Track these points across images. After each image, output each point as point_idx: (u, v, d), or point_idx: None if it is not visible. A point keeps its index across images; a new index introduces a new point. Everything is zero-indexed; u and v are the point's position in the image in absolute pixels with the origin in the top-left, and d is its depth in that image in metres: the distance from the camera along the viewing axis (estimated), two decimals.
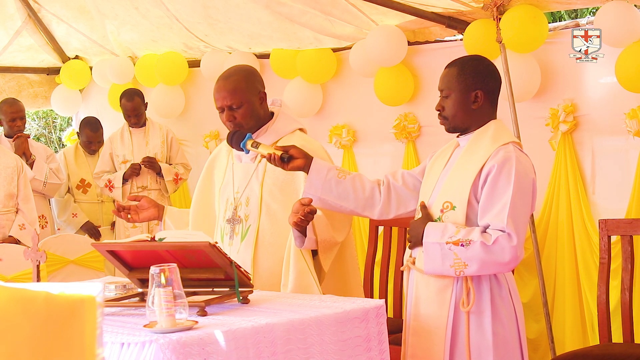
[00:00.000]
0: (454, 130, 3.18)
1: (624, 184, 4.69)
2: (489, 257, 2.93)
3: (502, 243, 2.92)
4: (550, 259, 4.93)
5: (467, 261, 2.95)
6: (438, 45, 5.58)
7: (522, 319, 3.12)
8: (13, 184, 5.57)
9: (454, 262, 2.96)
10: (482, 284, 3.04)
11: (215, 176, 3.75)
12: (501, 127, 3.14)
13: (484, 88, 3.12)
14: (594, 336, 4.69)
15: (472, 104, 3.11)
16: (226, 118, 3.49)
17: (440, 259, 2.99)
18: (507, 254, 2.93)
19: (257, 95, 3.52)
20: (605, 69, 4.75)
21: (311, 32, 5.68)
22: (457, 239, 2.96)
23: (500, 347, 3.03)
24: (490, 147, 3.05)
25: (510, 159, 2.99)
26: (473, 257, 2.94)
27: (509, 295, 3.08)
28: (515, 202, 2.95)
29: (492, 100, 3.16)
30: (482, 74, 3.13)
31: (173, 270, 2.57)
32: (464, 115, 3.12)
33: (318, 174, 3.26)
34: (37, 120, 12.25)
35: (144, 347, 2.42)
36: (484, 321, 3.03)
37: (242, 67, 3.63)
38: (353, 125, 6.00)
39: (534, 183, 3.06)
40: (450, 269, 2.98)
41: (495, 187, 2.98)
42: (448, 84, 3.14)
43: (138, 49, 6.92)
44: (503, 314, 3.05)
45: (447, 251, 2.97)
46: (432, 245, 3.01)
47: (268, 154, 3.27)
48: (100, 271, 5.81)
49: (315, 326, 2.70)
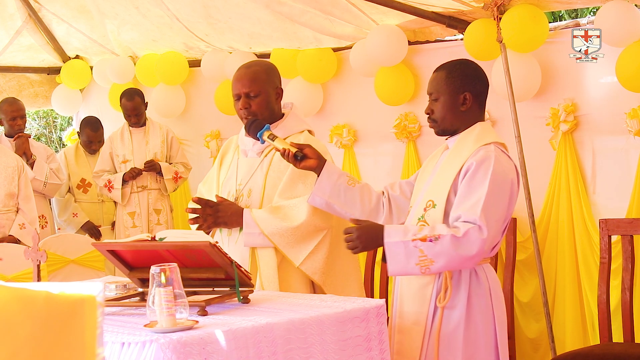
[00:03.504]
0: (443, 132, 3.20)
1: (625, 184, 4.69)
2: (457, 251, 2.92)
3: (473, 235, 2.92)
4: (551, 259, 4.93)
5: (433, 257, 2.93)
6: (438, 45, 5.57)
7: (501, 319, 3.09)
8: (13, 183, 5.57)
9: (419, 259, 2.94)
10: (461, 281, 3.05)
11: (222, 169, 3.77)
12: (486, 129, 3.16)
13: (472, 90, 3.14)
14: (595, 336, 4.69)
15: (461, 106, 3.13)
16: (242, 105, 3.54)
17: (404, 258, 2.96)
18: (475, 247, 2.91)
19: (274, 89, 3.59)
20: (605, 69, 4.75)
21: (311, 32, 5.68)
22: (424, 235, 2.95)
23: (470, 345, 3.03)
24: (472, 147, 3.08)
25: (490, 157, 3.01)
26: (441, 252, 2.92)
27: (489, 294, 3.07)
28: (490, 198, 2.94)
29: (480, 103, 3.18)
30: (470, 77, 3.15)
31: (173, 270, 2.57)
32: (453, 117, 3.15)
33: (329, 178, 3.31)
34: (37, 120, 12.25)
35: (144, 347, 2.42)
36: (456, 318, 3.04)
37: (264, 61, 3.77)
38: (353, 125, 6.00)
39: (513, 184, 3.05)
40: (415, 267, 2.96)
41: (472, 182, 3.00)
42: (437, 87, 3.17)
43: (138, 49, 6.92)
44: (478, 312, 3.04)
45: (412, 249, 2.95)
46: (395, 244, 2.98)
47: (283, 149, 3.33)
48: (100, 271, 5.82)
49: (315, 326, 2.70)
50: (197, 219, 3.50)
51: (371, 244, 3.07)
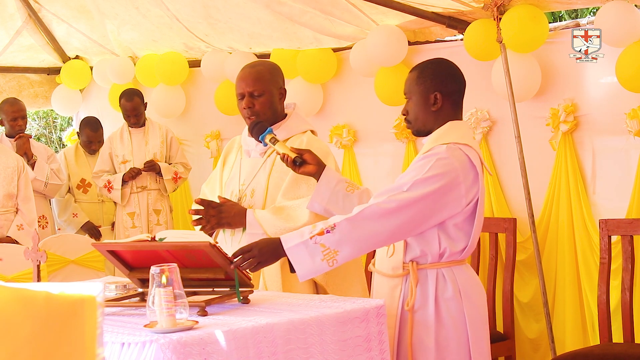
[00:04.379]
0: (418, 133, 3.18)
1: (625, 184, 4.69)
2: (356, 230, 2.87)
3: (368, 213, 2.88)
4: (551, 259, 4.93)
5: (336, 247, 2.88)
6: (438, 45, 5.57)
7: (475, 322, 3.02)
8: (13, 184, 5.57)
9: (323, 254, 2.89)
10: (428, 285, 3.01)
11: (225, 170, 3.78)
12: (453, 128, 3.08)
13: (442, 90, 3.09)
14: (595, 336, 4.69)
15: (432, 106, 3.10)
16: (245, 104, 3.55)
17: (309, 258, 2.90)
18: (373, 227, 2.87)
19: (278, 90, 3.62)
20: (605, 69, 4.75)
21: (311, 32, 5.68)
22: (320, 229, 2.91)
23: (441, 349, 2.99)
24: (429, 147, 3.05)
25: (437, 154, 2.97)
26: (341, 238, 2.88)
27: (459, 297, 3.01)
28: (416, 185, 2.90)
29: (454, 102, 3.12)
30: (440, 76, 3.11)
31: (173, 270, 2.57)
32: (425, 117, 3.12)
33: (327, 184, 3.29)
34: (37, 120, 12.25)
35: (144, 347, 2.42)
36: (426, 322, 3.00)
37: (268, 61, 3.79)
38: (353, 125, 6.00)
39: (457, 182, 2.94)
40: (322, 264, 2.90)
41: (407, 171, 3.00)
42: (409, 87, 3.15)
43: (138, 49, 6.92)
44: (448, 316, 3.00)
45: (313, 246, 2.90)
46: (295, 247, 2.93)
47: (283, 154, 3.33)
48: (100, 271, 5.81)
49: (315, 326, 2.70)
50: (201, 220, 3.50)
51: (272, 255, 2.99)
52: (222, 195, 3.62)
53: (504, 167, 5.20)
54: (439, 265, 3.03)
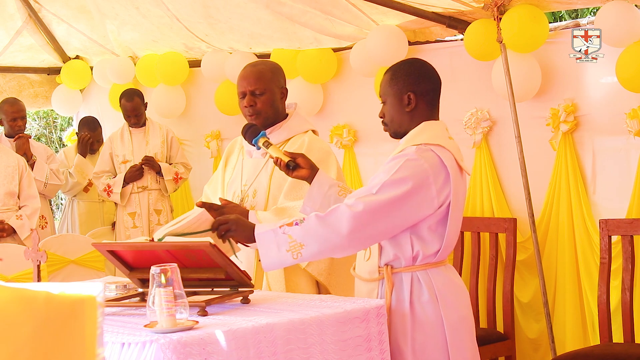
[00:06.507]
0: (396, 135, 3.14)
1: (625, 184, 4.69)
2: (324, 229, 2.84)
3: (339, 211, 2.86)
4: (551, 259, 4.93)
5: (302, 240, 2.85)
6: (439, 45, 5.57)
7: (453, 325, 2.98)
8: (13, 182, 5.57)
9: (290, 245, 2.86)
10: (403, 288, 2.98)
11: (227, 171, 3.78)
12: (427, 129, 3.04)
13: (415, 90, 3.06)
14: (595, 336, 4.69)
15: (406, 107, 3.07)
16: (247, 102, 3.56)
17: (275, 247, 2.88)
18: (345, 223, 2.83)
19: (279, 89, 3.63)
20: (605, 69, 4.75)
21: (311, 32, 5.68)
22: (292, 220, 2.91)
23: (418, 354, 2.96)
24: (402, 147, 3.02)
25: (406, 155, 2.94)
26: (308, 233, 2.85)
27: (435, 299, 2.97)
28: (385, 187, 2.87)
29: (429, 102, 3.08)
30: (413, 77, 3.08)
31: (174, 270, 2.58)
32: (400, 119, 3.09)
33: (320, 189, 3.26)
34: (37, 120, 12.25)
35: (144, 347, 2.42)
36: (403, 325, 2.97)
37: (270, 61, 3.80)
38: (354, 125, 6.00)
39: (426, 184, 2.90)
40: (286, 255, 2.87)
41: (377, 172, 2.97)
42: (383, 89, 3.13)
43: (138, 49, 6.92)
44: (424, 320, 2.96)
45: (280, 235, 2.88)
46: (265, 234, 2.91)
47: (276, 158, 3.29)
48: (100, 271, 5.82)
49: (315, 326, 2.70)
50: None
51: (244, 236, 2.96)
52: (224, 197, 3.62)
53: (504, 167, 5.20)
54: (413, 269, 2.98)
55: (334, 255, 2.98)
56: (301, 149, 3.54)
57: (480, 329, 4.83)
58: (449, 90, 5.45)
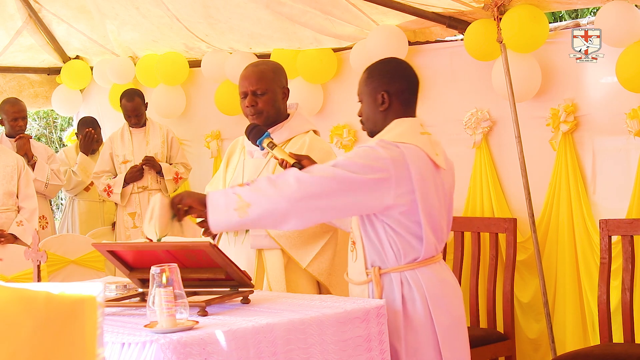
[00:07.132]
0: (371, 133, 3.14)
1: (625, 184, 4.69)
2: (272, 190, 2.84)
3: (289, 174, 2.88)
4: (551, 259, 4.93)
5: (250, 200, 2.84)
6: (439, 45, 5.57)
7: (444, 325, 2.97)
8: (12, 182, 5.57)
9: (237, 204, 2.86)
10: (393, 288, 2.97)
11: (228, 171, 3.78)
12: (396, 126, 3.05)
13: (389, 90, 3.07)
14: (595, 336, 4.69)
15: (380, 106, 3.08)
16: (248, 102, 3.56)
17: (224, 206, 2.88)
18: (291, 187, 2.83)
19: (281, 89, 3.64)
20: (605, 69, 4.75)
21: (311, 32, 5.68)
22: (243, 183, 2.96)
23: (411, 354, 2.96)
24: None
25: (369, 145, 2.96)
26: (256, 193, 2.85)
27: (424, 299, 2.96)
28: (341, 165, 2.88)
29: (403, 101, 3.09)
30: (387, 76, 3.09)
31: (174, 270, 2.58)
32: (375, 117, 3.10)
33: None
34: (37, 121, 12.25)
35: (144, 347, 2.42)
36: (397, 327, 2.96)
37: (271, 61, 3.79)
38: (354, 125, 5.99)
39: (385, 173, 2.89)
40: (233, 213, 2.86)
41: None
42: (360, 89, 3.16)
43: (139, 49, 6.92)
44: (415, 319, 2.96)
45: (231, 195, 2.88)
46: (215, 194, 2.94)
47: (281, 159, 3.30)
48: (100, 271, 5.82)
49: (315, 326, 2.70)
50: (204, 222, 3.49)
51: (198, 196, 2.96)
52: None
53: (504, 167, 5.20)
54: (401, 269, 2.97)
55: (280, 222, 2.91)
56: (302, 149, 3.54)
57: (480, 329, 4.83)
58: (449, 90, 5.47)
